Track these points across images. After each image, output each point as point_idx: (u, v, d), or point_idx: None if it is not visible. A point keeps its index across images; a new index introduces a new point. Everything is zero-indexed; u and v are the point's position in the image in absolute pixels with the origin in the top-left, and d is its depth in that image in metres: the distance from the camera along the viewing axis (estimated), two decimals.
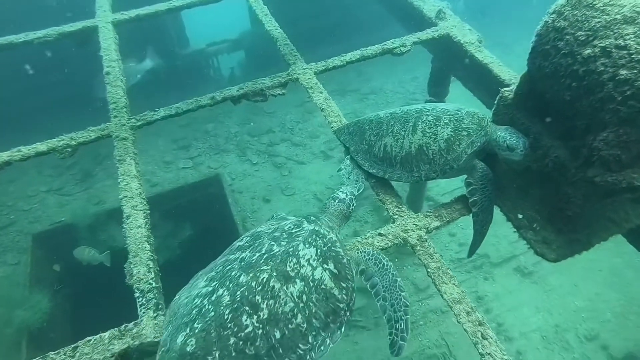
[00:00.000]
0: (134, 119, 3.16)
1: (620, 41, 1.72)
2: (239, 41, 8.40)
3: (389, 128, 2.52)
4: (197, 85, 8.25)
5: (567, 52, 1.87)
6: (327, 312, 1.72)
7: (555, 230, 2.29)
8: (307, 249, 1.79)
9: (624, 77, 1.70)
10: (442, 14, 3.67)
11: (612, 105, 1.75)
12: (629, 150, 1.80)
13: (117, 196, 2.66)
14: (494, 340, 2.01)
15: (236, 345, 1.53)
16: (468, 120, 2.38)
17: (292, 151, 7.49)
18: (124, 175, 2.76)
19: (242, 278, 1.66)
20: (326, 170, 7.18)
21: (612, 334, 5.38)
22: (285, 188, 6.91)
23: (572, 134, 2.04)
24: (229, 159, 7.30)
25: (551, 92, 2.03)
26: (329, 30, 7.86)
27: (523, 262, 5.86)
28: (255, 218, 6.44)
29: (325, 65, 3.41)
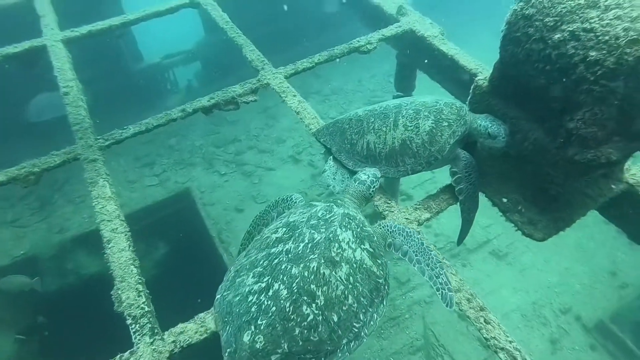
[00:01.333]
0: (101, 139, 3.04)
1: (586, 24, 1.80)
2: (194, 52, 8.24)
3: (369, 125, 2.52)
4: (155, 100, 8.07)
5: (538, 37, 1.94)
6: (371, 289, 1.80)
7: (540, 211, 2.37)
8: (345, 232, 1.85)
9: (593, 58, 1.78)
10: (403, 9, 3.74)
11: (585, 86, 1.83)
12: (605, 127, 1.88)
13: (80, 222, 2.55)
14: (496, 323, 2.05)
15: (301, 334, 1.61)
16: (447, 111, 2.42)
17: (260, 158, 7.42)
18: (99, 198, 2.63)
19: (294, 270, 1.70)
20: (296, 175, 7.16)
21: (582, 304, 5.65)
22: (256, 196, 6.83)
23: (548, 116, 2.12)
24: (196, 172, 7.15)
25: (525, 77, 2.10)
26: (289, 33, 7.86)
27: (497, 246, 6.05)
28: (230, 229, 6.34)
29: (294, 68, 3.40)
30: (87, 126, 3.13)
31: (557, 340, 5.29)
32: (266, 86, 3.33)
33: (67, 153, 2.95)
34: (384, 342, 5.43)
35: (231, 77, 8.46)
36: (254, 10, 6.71)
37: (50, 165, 2.94)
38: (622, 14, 1.73)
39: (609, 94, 1.81)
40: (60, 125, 3.60)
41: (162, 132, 7.83)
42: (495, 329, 2.04)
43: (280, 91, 3.23)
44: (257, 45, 3.73)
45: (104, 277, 2.40)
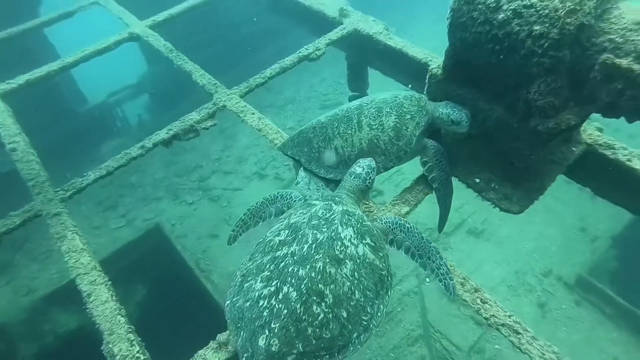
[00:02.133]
0: (61, 190, 2.90)
1: (525, 1, 1.87)
2: (139, 85, 8.06)
3: (334, 130, 2.52)
4: (105, 141, 7.84)
5: (483, 20, 2.00)
6: (376, 282, 1.85)
7: (513, 185, 2.44)
8: (346, 230, 1.89)
9: (538, 31, 1.85)
10: (344, 11, 3.78)
11: (535, 59, 1.90)
12: (559, 95, 1.96)
13: (49, 278, 2.44)
14: (493, 301, 2.09)
15: (314, 333, 1.66)
16: (408, 104, 2.46)
17: (225, 181, 7.32)
18: (70, 252, 2.51)
19: (301, 271, 1.75)
20: (264, 190, 7.09)
21: (561, 264, 5.87)
22: (228, 219, 6.72)
23: (505, 93, 2.19)
24: (163, 205, 6.97)
25: (477, 59, 2.16)
26: (234, 50, 7.81)
27: (472, 224, 6.20)
28: (207, 257, 6.21)
29: (248, 86, 3.37)
30: (43, 179, 2.99)
31: (544, 304, 5.47)
32: (223, 108, 3.28)
33: (27, 211, 2.80)
34: (382, 339, 5.44)
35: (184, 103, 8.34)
36: (194, 34, 6.62)
37: (10, 227, 2.78)
38: None
39: (558, 63, 1.88)
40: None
41: (121, 171, 7.60)
42: (493, 307, 2.08)
43: (238, 111, 3.20)
44: (206, 68, 3.69)
45: (87, 331, 2.29)
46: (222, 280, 5.93)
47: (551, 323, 5.29)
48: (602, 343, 5.04)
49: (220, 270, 6.07)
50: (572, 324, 5.27)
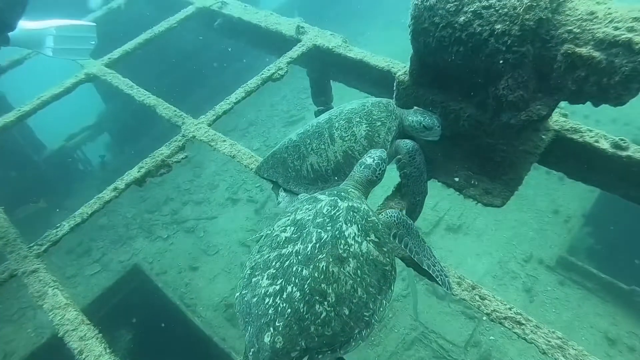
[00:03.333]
0: (35, 245, 2.77)
1: (484, 2, 1.93)
2: (99, 125, 7.84)
3: (307, 147, 2.51)
4: (70, 187, 7.57)
5: (445, 24, 2.05)
6: (379, 278, 1.89)
7: (491, 179, 2.49)
8: (350, 227, 1.92)
9: (500, 29, 1.91)
10: (301, 29, 3.80)
11: (500, 56, 1.96)
12: (527, 88, 2.02)
13: (27, 339, 2.32)
14: (492, 296, 2.11)
15: (316, 331, 1.72)
16: (376, 111, 2.49)
17: (198, 210, 7.19)
18: (54, 309, 2.38)
19: (304, 272, 1.79)
20: (240, 215, 7.01)
21: (540, 248, 6.04)
22: (207, 249, 6.59)
23: (473, 91, 2.24)
24: (138, 244, 6.77)
25: (443, 62, 2.21)
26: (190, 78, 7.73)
27: (449, 220, 6.30)
28: (191, 291, 6.06)
29: (215, 113, 3.33)
30: (14, 237, 2.85)
31: (530, 288, 5.60)
32: (192, 139, 3.22)
33: (1, 273, 2.65)
34: (378, 348, 5.42)
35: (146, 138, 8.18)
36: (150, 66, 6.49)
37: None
38: None
39: (523, 58, 1.94)
40: None
41: None
42: (493, 302, 2.10)
43: (209, 140, 3.15)
44: (164, 98, 3.63)
45: None
46: (209, 312, 5.79)
47: (540, 306, 5.42)
48: (590, 318, 5.19)
49: (206, 303, 5.93)
50: (560, 304, 5.41)
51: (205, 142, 3.14)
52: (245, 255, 6.34)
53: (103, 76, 4.03)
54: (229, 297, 5.86)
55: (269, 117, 8.64)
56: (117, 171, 8.07)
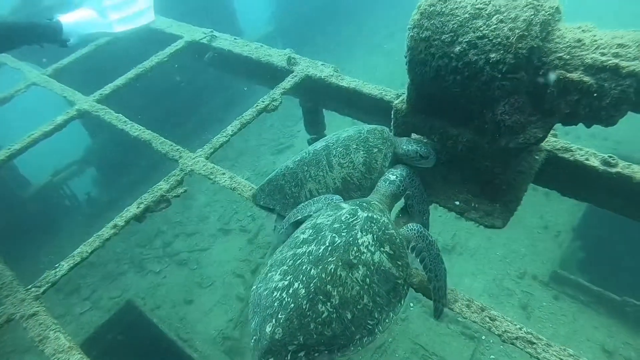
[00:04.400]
0: (33, 287, 2.71)
1: (478, 33, 2.03)
2: (85, 160, 7.77)
3: (305, 174, 2.54)
4: (60, 223, 7.45)
5: (441, 54, 2.14)
6: (388, 290, 1.93)
7: (490, 201, 2.55)
8: (365, 236, 1.97)
9: (495, 58, 2.00)
10: (292, 60, 3.89)
11: (496, 83, 2.04)
12: (524, 112, 2.11)
13: None
14: (501, 317, 2.14)
15: (316, 329, 1.77)
16: (372, 138, 2.56)
17: (190, 242, 7.11)
18: (57, 353, 2.33)
19: (312, 271, 1.86)
20: (233, 245, 6.95)
21: (533, 264, 6.12)
22: (201, 281, 6.50)
23: (471, 117, 2.31)
24: (129, 279, 6.64)
25: (440, 90, 2.28)
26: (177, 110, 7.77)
27: (443, 242, 6.36)
28: (186, 325, 5.96)
29: (212, 146, 3.35)
30: (10, 279, 2.78)
31: (526, 305, 5.64)
32: (191, 173, 3.23)
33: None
34: None
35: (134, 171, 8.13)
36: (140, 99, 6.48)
37: None
38: (503, 17, 1.98)
39: (518, 84, 2.03)
40: None
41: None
42: (503, 322, 2.13)
43: (208, 174, 3.16)
44: (155, 128, 3.65)
45: None
46: (206, 346, 5.67)
47: (537, 322, 5.46)
48: (587, 331, 5.25)
49: (202, 336, 5.81)
50: (556, 319, 5.46)
51: (204, 175, 3.15)
52: (240, 286, 6.27)
53: (95, 112, 4.02)
54: (226, 330, 5.76)
55: (257, 146, 8.68)
56: (105, 206, 8.00)
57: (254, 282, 2.05)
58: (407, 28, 2.25)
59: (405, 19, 2.28)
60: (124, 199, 7.98)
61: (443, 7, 2.12)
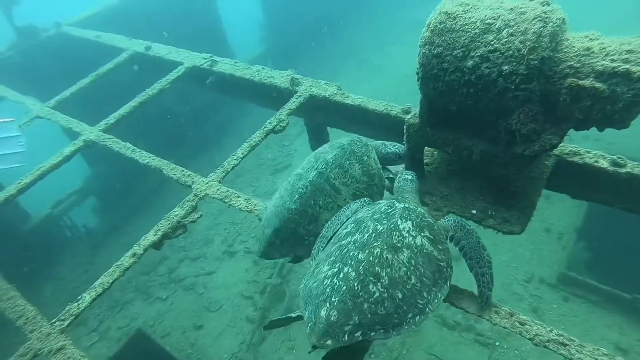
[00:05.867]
0: (57, 321, 2.70)
1: (489, 47, 2.10)
2: (85, 189, 7.73)
3: (314, 208, 2.48)
4: (60, 255, 7.39)
5: (453, 69, 2.20)
6: (433, 271, 2.02)
7: (507, 208, 2.60)
8: (405, 222, 2.10)
9: (507, 70, 2.07)
10: (295, 80, 3.95)
11: (510, 94, 2.11)
12: (538, 120, 2.17)
13: None
14: (531, 321, 2.17)
15: (369, 308, 1.84)
16: (357, 148, 2.67)
17: (195, 267, 7.06)
18: None
19: (360, 255, 1.96)
20: (239, 267, 6.92)
21: (539, 267, 6.16)
22: (209, 305, 6.45)
23: (484, 127, 2.38)
24: (136, 308, 6.56)
25: (453, 104, 2.35)
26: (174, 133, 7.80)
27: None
28: (197, 350, 5.90)
29: (224, 169, 3.38)
30: (33, 314, 2.77)
31: (537, 308, 5.67)
32: (204, 198, 3.25)
33: (23, 355, 2.55)
34: None
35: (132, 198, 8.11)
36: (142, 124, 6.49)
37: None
38: (513, 30, 2.06)
39: (531, 94, 2.10)
40: None
41: (81, 282, 7.15)
42: (533, 326, 2.16)
43: (222, 197, 3.18)
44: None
45: None
46: None
47: (549, 324, 5.44)
48: (599, 331, 5.28)
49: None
50: (567, 320, 5.49)
51: (219, 199, 3.17)
52: (249, 308, 6.23)
53: (102, 142, 4.04)
54: (239, 353, 5.70)
55: (255, 167, 8.71)
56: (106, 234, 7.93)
57: (303, 279, 2.13)
58: (417, 45, 2.32)
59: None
60: (124, 226, 7.97)
61: (453, 24, 2.19)
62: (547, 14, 2.06)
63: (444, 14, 2.23)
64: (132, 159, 3.77)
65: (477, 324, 5.60)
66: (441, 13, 2.24)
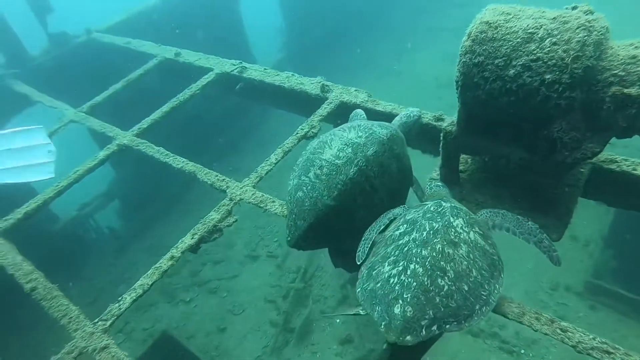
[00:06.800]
0: (100, 320, 2.78)
1: (532, 56, 2.12)
2: (110, 192, 7.90)
3: (353, 205, 2.44)
4: (89, 256, 7.55)
5: (495, 77, 2.23)
6: (489, 264, 2.09)
7: (544, 215, 2.61)
8: (457, 219, 2.18)
9: (550, 79, 2.08)
10: (326, 87, 4.01)
11: (552, 102, 2.13)
12: (579, 129, 2.18)
13: None
14: (573, 328, 2.17)
15: (441, 302, 1.90)
16: (395, 145, 2.66)
17: (218, 270, 7.14)
18: None
19: (423, 252, 2.02)
20: (262, 271, 6.98)
21: (565, 275, 6.09)
22: (232, 308, 6.51)
23: (521, 135, 2.39)
24: (161, 310, 6.66)
25: (492, 111, 2.37)
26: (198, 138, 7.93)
27: None
28: (222, 353, 5.97)
29: (258, 174, 3.45)
30: (76, 313, 2.86)
31: (563, 316, 5.60)
32: (239, 202, 3.32)
33: (69, 352, 2.63)
34: None
35: (157, 202, 8.24)
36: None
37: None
38: (556, 40, 2.07)
39: (573, 103, 2.11)
40: None
41: (106, 283, 7.29)
42: (575, 333, 2.16)
43: (257, 202, 3.24)
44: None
45: None
46: None
47: None
48: (629, 341, 5.19)
49: None
50: (595, 329, 5.33)
51: (254, 204, 3.23)
52: (273, 312, 6.28)
53: (136, 146, 4.14)
54: (263, 356, 5.75)
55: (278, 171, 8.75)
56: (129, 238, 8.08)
57: (357, 283, 2.16)
58: (458, 54, 2.35)
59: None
60: (147, 230, 8.11)
61: (495, 33, 2.22)
62: (591, 22, 2.08)
63: (485, 24, 2.26)
64: (164, 163, 3.87)
65: (501, 330, 5.55)
66: (482, 23, 2.27)
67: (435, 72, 9.77)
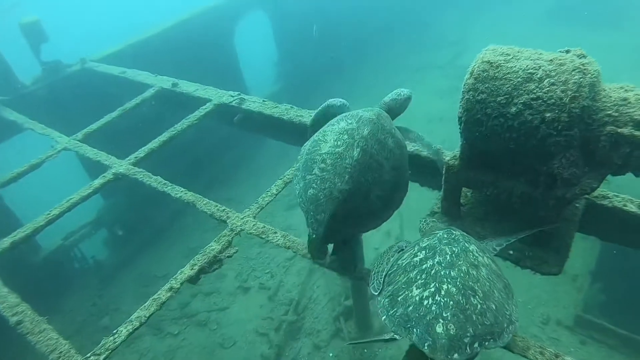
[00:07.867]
0: (92, 355, 2.71)
1: (532, 95, 2.23)
2: (98, 220, 7.76)
3: (366, 184, 2.47)
4: (72, 287, 7.35)
5: (497, 114, 2.32)
6: (504, 286, 2.19)
7: (543, 249, 2.67)
8: (471, 245, 2.27)
9: (550, 117, 2.18)
10: None
11: (552, 139, 2.22)
12: (578, 165, 2.27)
13: None
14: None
15: (478, 320, 1.95)
16: (384, 122, 2.77)
17: (208, 302, 6.99)
18: None
19: (452, 273, 2.08)
20: (253, 303, 6.86)
21: (555, 308, 6.13)
22: (222, 341, 6.35)
23: (523, 170, 2.47)
24: (146, 343, 6.45)
25: (494, 147, 2.45)
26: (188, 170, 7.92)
27: None
28: None
29: (259, 205, 3.47)
30: (67, 348, 2.78)
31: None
32: (240, 233, 3.31)
33: None
34: None
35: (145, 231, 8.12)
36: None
37: None
38: (554, 80, 2.18)
39: (572, 140, 2.21)
40: None
41: (89, 315, 7.07)
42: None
43: (259, 233, 3.24)
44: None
45: None
46: None
47: None
48: None
49: None
50: None
51: (256, 235, 3.23)
52: (264, 345, 6.14)
53: (133, 175, 4.13)
54: None
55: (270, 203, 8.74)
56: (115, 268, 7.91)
57: (380, 311, 2.21)
58: (461, 91, 2.45)
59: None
60: (134, 260, 7.96)
61: (496, 72, 2.33)
62: (585, 65, 2.20)
63: (487, 63, 2.37)
64: (162, 193, 3.85)
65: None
66: (484, 62, 2.38)
67: (426, 107, 10.02)
